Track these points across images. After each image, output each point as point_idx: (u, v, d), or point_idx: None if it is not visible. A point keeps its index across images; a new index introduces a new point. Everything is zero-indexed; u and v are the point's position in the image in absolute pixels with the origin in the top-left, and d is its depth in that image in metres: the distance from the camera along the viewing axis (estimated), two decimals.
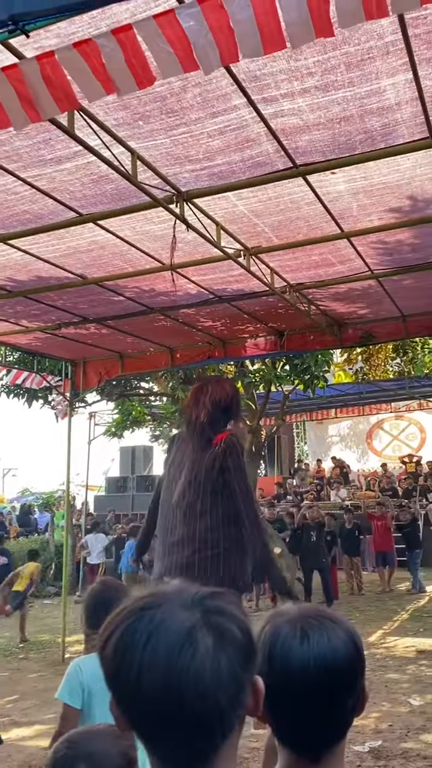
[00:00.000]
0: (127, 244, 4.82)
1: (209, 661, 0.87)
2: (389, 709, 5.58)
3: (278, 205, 4.35)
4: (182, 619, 0.89)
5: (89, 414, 14.74)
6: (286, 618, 1.17)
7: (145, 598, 0.94)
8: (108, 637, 0.92)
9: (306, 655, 1.11)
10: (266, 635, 1.16)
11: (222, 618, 0.91)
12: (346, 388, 16.59)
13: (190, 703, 0.85)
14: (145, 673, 0.86)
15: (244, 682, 0.91)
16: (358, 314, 7.01)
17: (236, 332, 7.45)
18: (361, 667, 1.17)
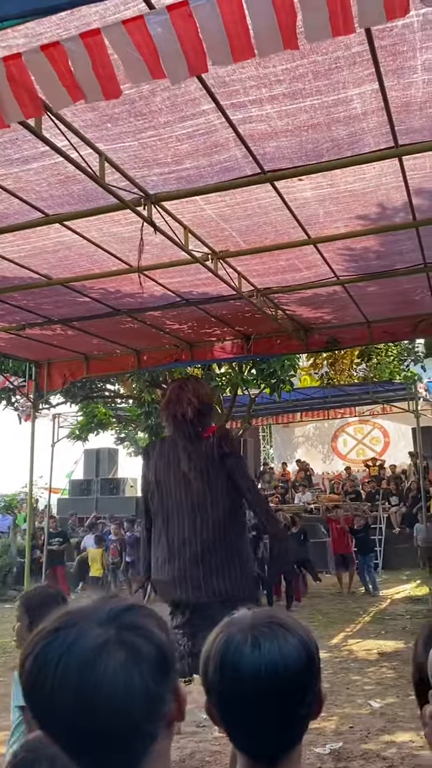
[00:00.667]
0: (93, 245, 4.79)
1: (121, 677, 0.88)
2: (350, 711, 5.63)
3: (246, 210, 4.38)
4: (95, 636, 0.91)
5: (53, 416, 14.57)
6: (239, 626, 1.17)
7: (61, 617, 0.96)
8: (26, 657, 0.93)
9: (257, 663, 1.11)
10: (218, 644, 1.16)
11: (135, 633, 0.93)
12: (312, 392, 16.73)
13: (103, 719, 0.87)
14: (56, 692, 0.88)
15: (160, 695, 0.93)
16: (323, 319, 7.08)
17: (203, 335, 7.46)
18: (315, 673, 1.18)
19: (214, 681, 1.15)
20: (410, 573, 14.09)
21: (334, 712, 5.56)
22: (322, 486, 19.91)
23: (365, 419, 20.86)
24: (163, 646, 0.95)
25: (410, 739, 4.89)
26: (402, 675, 6.62)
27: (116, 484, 18.13)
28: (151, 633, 0.95)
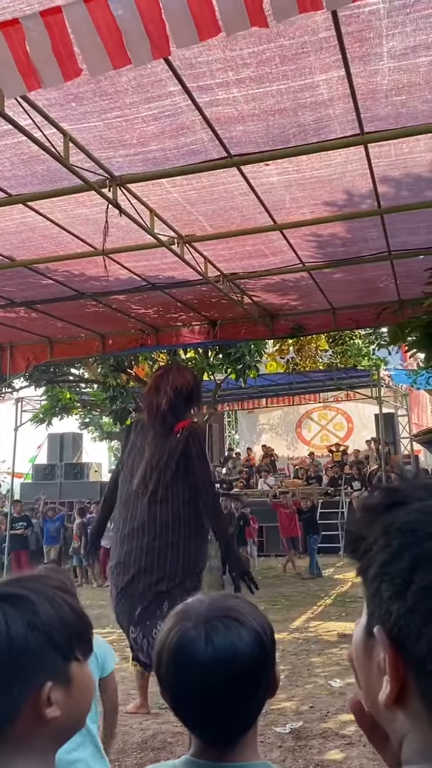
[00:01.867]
0: (57, 227, 4.73)
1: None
2: (311, 691, 5.74)
3: (212, 194, 4.36)
4: None
5: (16, 399, 14.41)
6: (192, 619, 1.18)
7: None
8: None
9: (209, 659, 1.12)
10: (171, 638, 1.17)
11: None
12: (277, 378, 16.83)
13: None
14: None
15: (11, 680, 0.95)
16: (289, 306, 7.11)
17: (169, 320, 7.44)
18: (269, 662, 1.19)
19: (167, 675, 1.16)
20: None
21: (295, 692, 5.66)
22: (286, 471, 20.10)
23: (329, 405, 21.10)
24: (11, 642, 0.96)
25: None
26: None
27: (80, 468, 18.01)
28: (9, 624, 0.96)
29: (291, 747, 4.51)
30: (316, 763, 4.24)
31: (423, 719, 0.65)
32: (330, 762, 4.26)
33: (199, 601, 1.22)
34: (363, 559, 0.72)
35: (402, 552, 0.66)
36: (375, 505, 0.72)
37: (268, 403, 19.96)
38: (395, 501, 0.70)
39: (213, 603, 1.20)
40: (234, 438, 25.39)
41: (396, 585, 0.65)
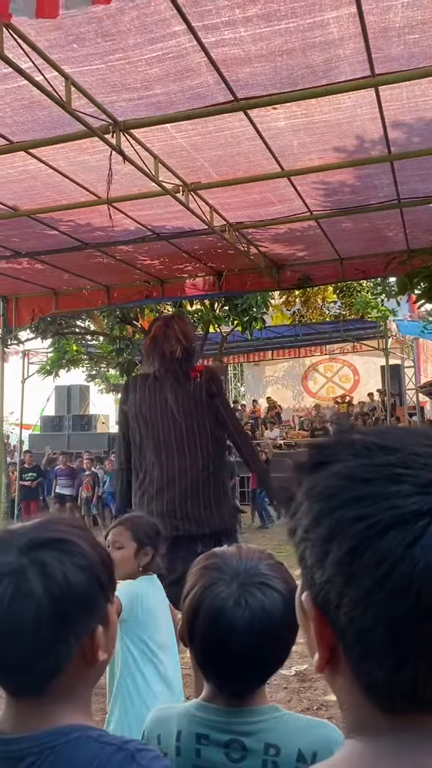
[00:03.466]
0: (60, 175, 4.64)
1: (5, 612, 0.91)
2: None
3: (218, 139, 4.25)
4: (6, 563, 0.93)
5: (23, 352, 14.42)
6: (228, 581, 1.20)
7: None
8: None
9: (248, 623, 1.16)
10: (208, 598, 1.19)
11: (38, 569, 0.94)
12: (283, 331, 16.75)
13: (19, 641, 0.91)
14: None
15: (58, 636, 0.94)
16: (296, 256, 7.02)
17: (175, 271, 7.36)
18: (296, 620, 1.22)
19: (200, 635, 1.19)
20: None
21: (301, 637, 5.79)
22: (291, 423, 20.20)
23: (335, 357, 21.06)
24: (68, 588, 0.94)
25: None
26: None
27: (88, 420, 18.17)
28: (55, 571, 0.94)
29: (296, 688, 4.65)
30: (321, 704, 4.38)
31: (354, 689, 0.61)
32: (333, 702, 4.38)
33: (233, 559, 1.23)
34: (292, 520, 0.67)
35: (321, 519, 0.61)
36: (302, 463, 0.67)
37: (274, 356, 19.93)
38: (321, 461, 0.64)
39: (248, 565, 1.22)
40: (239, 390, 25.46)
41: (316, 553, 0.62)
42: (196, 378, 3.75)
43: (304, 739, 1.17)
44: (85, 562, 0.96)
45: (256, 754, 1.16)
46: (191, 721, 1.21)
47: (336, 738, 1.19)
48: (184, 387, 3.72)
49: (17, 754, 0.91)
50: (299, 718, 1.24)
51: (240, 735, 1.17)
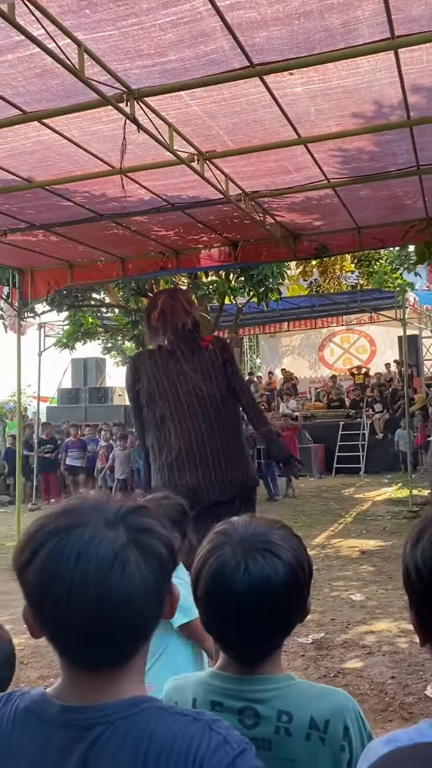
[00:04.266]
0: (74, 145, 4.59)
1: (138, 578, 0.92)
2: (332, 604, 5.95)
3: (234, 106, 4.18)
4: (110, 538, 0.92)
5: (39, 324, 14.47)
6: (233, 545, 1.21)
7: (67, 515, 0.96)
8: (32, 556, 0.93)
9: (244, 587, 1.17)
10: (211, 560, 1.21)
11: (146, 535, 0.95)
12: (299, 301, 16.64)
13: (123, 616, 0.91)
14: (75, 594, 0.89)
15: (165, 592, 0.97)
16: (313, 226, 6.93)
17: (190, 242, 7.30)
18: (303, 593, 1.23)
19: (204, 596, 1.21)
20: (391, 476, 14.56)
21: (317, 605, 5.86)
22: (308, 394, 20.18)
23: (351, 328, 20.91)
24: (171, 546, 0.98)
25: (387, 629, 5.19)
26: (382, 571, 6.96)
27: (104, 392, 18.27)
28: (160, 534, 0.97)
29: (313, 656, 4.72)
30: (337, 671, 4.44)
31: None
32: (350, 670, 4.45)
33: (243, 526, 1.24)
34: None
35: None
36: None
37: (290, 327, 19.83)
38: None
39: (256, 532, 1.23)
40: (255, 362, 25.43)
41: None
42: (207, 347, 3.84)
43: (317, 707, 1.18)
44: (164, 522, 1.00)
45: (269, 720, 1.18)
46: (206, 689, 1.23)
47: (348, 706, 1.20)
48: (199, 357, 3.81)
49: (85, 722, 0.92)
50: (312, 686, 1.25)
51: (253, 702, 1.19)
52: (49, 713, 0.94)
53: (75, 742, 0.91)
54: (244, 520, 1.27)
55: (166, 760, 0.89)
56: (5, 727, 0.96)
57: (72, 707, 0.94)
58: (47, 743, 0.92)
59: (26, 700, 0.98)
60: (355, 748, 1.18)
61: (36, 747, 0.93)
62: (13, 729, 0.96)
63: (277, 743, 1.16)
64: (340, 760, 1.17)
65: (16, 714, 0.97)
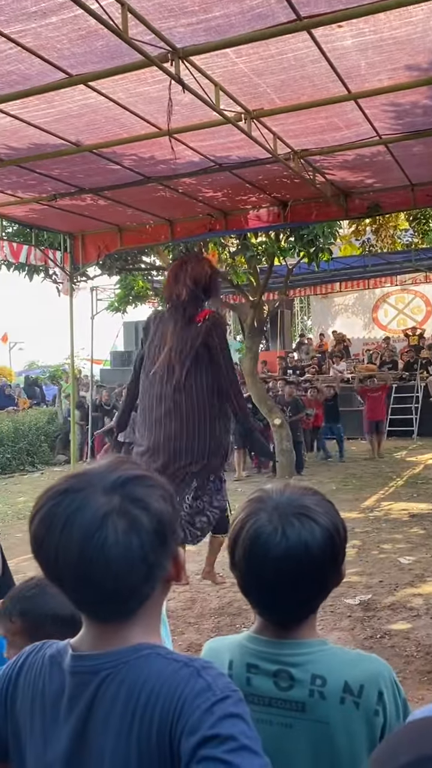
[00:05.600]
0: (120, 107, 4.56)
1: (120, 547, 0.95)
2: (380, 566, 5.95)
3: (281, 62, 4.07)
4: (99, 504, 0.97)
5: (91, 288, 14.60)
6: (269, 511, 1.22)
7: (70, 479, 1.02)
8: (35, 514, 1.00)
9: (281, 552, 1.18)
10: (248, 526, 1.22)
11: (136, 505, 0.98)
12: (352, 261, 16.27)
13: (101, 583, 0.96)
14: (61, 555, 0.96)
15: (158, 561, 1.00)
16: (365, 183, 6.75)
17: (238, 203, 7.22)
18: (338, 558, 1.24)
19: (240, 562, 1.23)
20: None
21: (365, 567, 5.88)
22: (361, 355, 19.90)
23: (407, 288, 20.40)
24: (162, 517, 1.00)
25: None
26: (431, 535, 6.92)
27: None
28: (152, 504, 1.00)
29: (360, 617, 4.75)
30: (384, 633, 4.47)
31: None
32: (397, 631, 4.48)
33: (278, 492, 1.25)
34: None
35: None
36: None
37: (342, 288, 19.46)
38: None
39: (291, 497, 1.24)
40: (306, 324, 25.16)
41: None
42: (199, 322, 3.77)
43: (351, 672, 1.20)
44: (164, 493, 1.03)
45: (303, 683, 1.20)
46: (242, 651, 1.26)
47: (383, 672, 1.21)
48: (185, 331, 3.77)
49: (93, 668, 0.99)
50: (347, 652, 1.27)
51: (287, 665, 1.21)
52: (65, 661, 1.02)
53: (83, 687, 0.99)
54: (277, 486, 1.28)
55: (153, 703, 0.94)
56: (34, 672, 1.06)
57: (82, 655, 1.02)
58: (62, 688, 1.01)
59: (53, 649, 1.07)
60: (390, 713, 1.20)
61: (55, 691, 1.02)
62: (40, 674, 1.05)
63: (312, 706, 1.18)
64: (374, 725, 1.18)
65: (44, 661, 1.06)
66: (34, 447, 13.79)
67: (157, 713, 0.93)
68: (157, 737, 0.92)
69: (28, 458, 13.52)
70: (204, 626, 4.66)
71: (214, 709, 0.91)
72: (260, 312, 11.11)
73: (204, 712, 0.90)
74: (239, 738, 0.88)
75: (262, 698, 1.22)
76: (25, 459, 13.45)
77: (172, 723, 0.91)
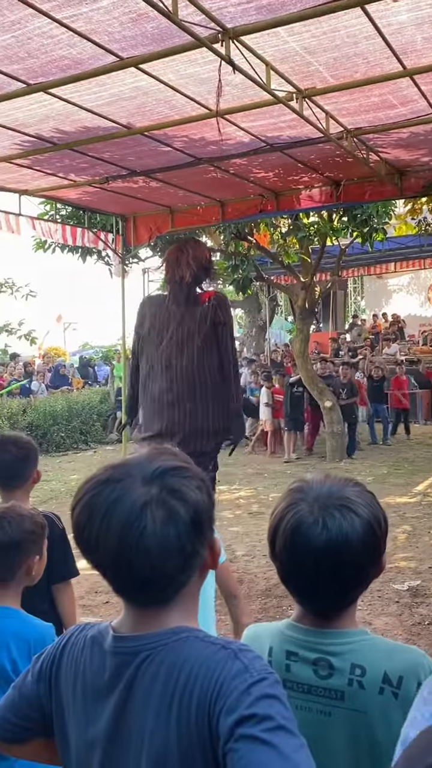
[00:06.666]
0: (171, 89, 4.55)
1: (158, 537, 0.98)
2: (430, 552, 5.88)
3: (333, 40, 3.98)
4: (138, 495, 1.00)
5: (142, 270, 14.71)
6: (310, 502, 1.22)
7: (111, 469, 1.05)
8: (77, 502, 1.04)
9: (324, 543, 1.18)
10: (289, 516, 1.23)
11: (175, 494, 1.01)
12: (407, 241, 15.87)
13: (140, 571, 0.99)
14: (101, 543, 1.00)
15: (195, 550, 1.02)
16: (420, 162, 6.57)
17: (290, 183, 7.13)
18: (379, 549, 1.24)
19: (281, 552, 1.24)
20: None
21: (414, 553, 5.82)
22: (416, 337, 19.51)
23: None
24: (199, 507, 1.03)
25: None
26: None
27: None
28: (189, 495, 1.02)
29: (408, 603, 4.72)
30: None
31: None
32: None
33: (318, 483, 1.26)
34: None
35: None
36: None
37: (397, 268, 19.06)
38: None
39: (332, 489, 1.24)
40: (359, 305, 24.78)
41: None
42: (204, 303, 3.83)
43: (391, 663, 1.20)
44: (201, 483, 1.05)
45: (342, 672, 1.21)
46: (282, 639, 1.28)
47: (423, 663, 1.21)
48: (190, 311, 3.82)
49: (133, 649, 1.03)
50: (387, 643, 1.27)
51: (327, 654, 1.22)
52: (106, 641, 1.07)
53: (123, 668, 1.03)
54: (318, 477, 1.28)
55: (192, 684, 0.97)
56: (76, 651, 1.11)
57: (123, 636, 1.05)
58: (103, 667, 1.05)
59: (94, 630, 1.11)
60: None
61: (96, 670, 1.06)
62: (81, 653, 1.09)
63: (350, 695, 1.19)
64: None
65: (85, 641, 1.10)
66: (87, 426, 14.04)
67: (195, 694, 0.96)
68: (196, 717, 0.95)
69: (81, 437, 13.78)
70: (251, 607, 4.70)
71: (251, 689, 0.93)
72: (312, 293, 11.00)
73: (241, 692, 0.93)
74: (276, 718, 0.90)
75: (301, 685, 1.24)
76: (79, 438, 13.71)
77: (210, 703, 0.94)
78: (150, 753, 0.97)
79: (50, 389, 16.03)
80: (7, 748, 1.18)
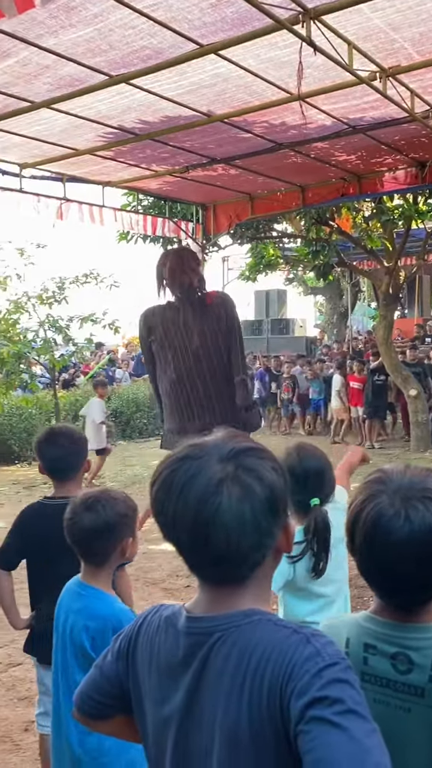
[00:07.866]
0: (251, 74, 4.51)
1: (233, 513, 0.98)
2: None
3: (419, 14, 3.82)
4: (214, 471, 1.00)
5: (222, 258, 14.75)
6: (390, 494, 1.19)
7: (189, 448, 1.06)
8: (155, 479, 1.07)
9: (406, 536, 1.15)
10: (369, 509, 1.20)
11: (251, 473, 1.01)
12: None
13: (215, 546, 0.99)
14: (178, 519, 1.01)
15: (269, 529, 1.02)
16: None
17: (373, 165, 6.95)
18: None
19: (362, 546, 1.21)
20: None
21: None
22: None
23: None
24: (275, 486, 1.03)
25: None
26: None
27: (286, 323, 18.36)
28: (265, 474, 1.03)
29: None
30: None
31: None
32: None
33: (398, 474, 1.22)
34: None
35: None
36: None
37: None
38: None
39: (413, 480, 1.20)
40: None
41: None
42: (211, 304, 4.00)
43: None
44: (277, 465, 1.06)
45: (422, 668, 1.17)
46: (360, 631, 1.25)
47: None
48: (203, 314, 3.97)
49: (207, 630, 1.04)
50: None
51: (407, 649, 1.19)
52: (180, 622, 1.08)
53: (197, 648, 1.04)
54: (397, 468, 1.24)
55: (264, 666, 0.97)
56: (151, 631, 1.13)
57: (196, 617, 1.07)
58: (177, 647, 1.07)
59: (169, 611, 1.13)
60: None
61: (170, 649, 1.08)
62: (156, 633, 1.12)
63: (431, 692, 1.16)
64: None
65: (160, 622, 1.13)
66: None
67: (267, 677, 0.96)
68: (267, 700, 0.95)
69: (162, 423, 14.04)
70: None
71: (323, 673, 0.93)
72: (396, 278, 10.72)
73: (313, 675, 0.93)
74: (347, 702, 0.90)
75: (379, 679, 1.21)
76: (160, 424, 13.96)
77: (281, 686, 0.94)
78: (222, 731, 0.98)
79: (133, 377, 16.36)
80: (93, 723, 1.24)
